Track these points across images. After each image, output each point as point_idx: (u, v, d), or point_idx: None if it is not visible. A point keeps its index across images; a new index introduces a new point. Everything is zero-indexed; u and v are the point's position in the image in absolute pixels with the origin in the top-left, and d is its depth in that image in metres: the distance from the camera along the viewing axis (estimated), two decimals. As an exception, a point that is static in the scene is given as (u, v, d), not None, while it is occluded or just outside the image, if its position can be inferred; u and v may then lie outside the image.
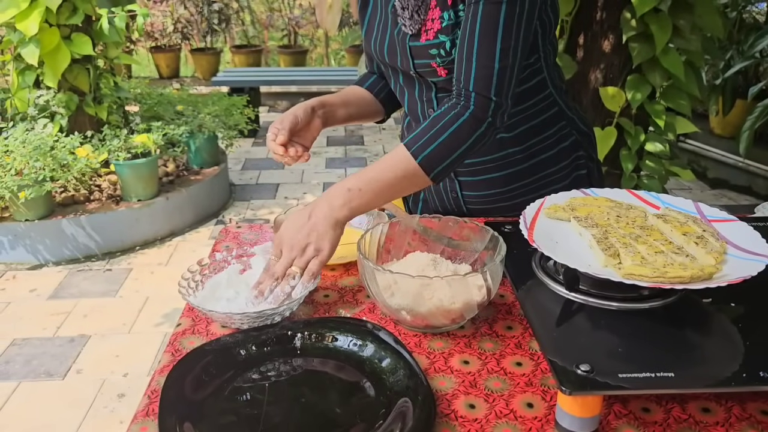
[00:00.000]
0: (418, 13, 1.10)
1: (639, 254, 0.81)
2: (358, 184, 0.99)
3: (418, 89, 1.21)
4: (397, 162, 1.01)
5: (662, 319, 0.82)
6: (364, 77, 1.38)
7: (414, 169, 1.00)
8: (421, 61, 1.13)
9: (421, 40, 1.11)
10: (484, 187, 1.25)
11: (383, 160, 1.03)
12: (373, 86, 1.35)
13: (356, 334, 0.87)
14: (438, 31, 1.08)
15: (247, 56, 7.36)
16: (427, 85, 1.18)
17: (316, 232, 0.97)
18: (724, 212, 0.93)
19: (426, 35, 1.10)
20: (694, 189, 4.27)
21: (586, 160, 1.29)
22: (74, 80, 3.41)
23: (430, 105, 1.20)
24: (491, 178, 1.23)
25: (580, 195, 1.01)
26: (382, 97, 1.35)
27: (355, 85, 1.37)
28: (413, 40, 1.13)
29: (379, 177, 1.00)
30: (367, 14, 1.24)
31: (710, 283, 0.75)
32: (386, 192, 1.01)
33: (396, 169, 1.01)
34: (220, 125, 3.89)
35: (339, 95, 1.30)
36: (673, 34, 2.34)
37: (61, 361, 2.43)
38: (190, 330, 0.93)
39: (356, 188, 0.99)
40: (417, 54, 1.13)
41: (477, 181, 1.25)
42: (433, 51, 1.10)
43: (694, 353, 0.77)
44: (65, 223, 3.18)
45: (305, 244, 0.96)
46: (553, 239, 0.89)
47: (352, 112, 1.30)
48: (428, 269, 0.93)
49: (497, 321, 0.93)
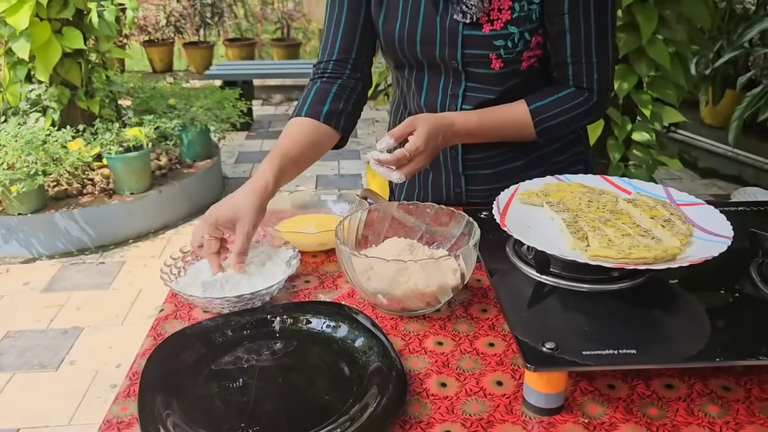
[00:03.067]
0: (482, 0, 1.07)
1: (606, 237, 0.84)
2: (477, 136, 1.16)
3: (444, 81, 1.18)
4: (518, 124, 1.15)
5: (630, 300, 0.85)
6: (315, 100, 1.16)
7: (528, 133, 1.16)
8: (475, 51, 1.11)
9: (483, 30, 1.09)
10: (489, 181, 1.25)
11: (505, 118, 1.15)
12: (331, 115, 1.15)
13: (333, 318, 0.90)
14: (507, 22, 1.07)
15: (241, 49, 7.36)
16: (457, 79, 1.16)
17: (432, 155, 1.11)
18: (692, 197, 0.95)
19: (491, 25, 1.08)
20: (684, 178, 4.30)
21: (584, 155, 1.31)
22: (66, 74, 3.42)
23: (454, 101, 1.18)
24: (498, 171, 1.24)
25: (554, 181, 1.04)
26: (343, 126, 1.18)
27: (307, 116, 1.14)
28: (470, 29, 1.09)
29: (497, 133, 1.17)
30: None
31: (672, 263, 0.78)
32: (494, 138, 1.18)
33: (515, 132, 1.17)
34: (213, 118, 3.90)
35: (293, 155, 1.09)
36: (659, 25, 2.35)
37: (54, 352, 2.46)
38: (172, 315, 0.95)
39: (475, 136, 1.16)
40: (472, 44, 1.10)
41: (484, 175, 1.25)
42: (498, 42, 1.09)
43: (658, 331, 0.79)
44: (58, 217, 3.20)
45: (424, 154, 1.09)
46: (525, 224, 0.92)
47: (303, 168, 1.13)
48: (404, 254, 0.95)
49: (473, 304, 0.96)
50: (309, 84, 1.21)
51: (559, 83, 1.16)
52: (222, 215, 0.98)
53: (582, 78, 1.13)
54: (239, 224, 0.97)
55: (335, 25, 1.20)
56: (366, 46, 1.22)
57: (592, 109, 1.15)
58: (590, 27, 1.08)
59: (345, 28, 1.19)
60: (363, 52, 1.21)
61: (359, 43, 1.20)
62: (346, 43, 1.20)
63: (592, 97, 1.14)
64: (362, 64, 1.22)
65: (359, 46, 1.20)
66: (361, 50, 1.21)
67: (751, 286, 0.88)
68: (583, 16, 1.07)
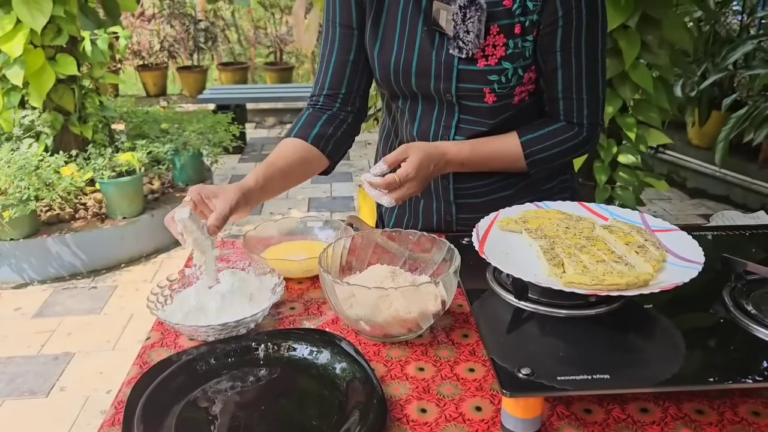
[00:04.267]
0: (478, 37, 1.09)
1: (581, 263, 0.86)
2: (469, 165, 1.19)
3: (438, 113, 1.20)
4: (509, 155, 1.19)
5: (606, 324, 0.87)
6: (306, 123, 1.22)
7: (519, 165, 1.20)
8: (469, 85, 1.13)
9: (478, 64, 1.11)
10: (479, 210, 1.24)
11: (497, 149, 1.18)
12: (319, 138, 1.20)
13: (316, 345, 0.91)
14: (501, 58, 1.11)
15: (234, 73, 7.42)
16: (450, 111, 1.19)
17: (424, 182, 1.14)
18: (666, 223, 0.98)
19: (486, 60, 1.11)
20: (673, 199, 4.34)
21: (570, 182, 1.34)
22: (59, 100, 3.45)
23: (447, 132, 1.20)
24: (488, 200, 1.26)
25: (533, 208, 1.06)
26: (330, 151, 1.22)
27: (297, 137, 1.20)
28: (466, 64, 1.12)
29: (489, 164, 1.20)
30: (380, 29, 1.18)
31: (645, 289, 0.80)
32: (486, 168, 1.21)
33: (505, 162, 1.20)
34: (205, 143, 3.93)
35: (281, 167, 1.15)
36: (641, 49, 2.41)
37: (45, 378, 2.45)
38: (158, 343, 0.96)
39: (468, 166, 1.19)
40: (467, 78, 1.13)
41: (475, 203, 1.27)
42: (492, 77, 1.11)
43: (633, 355, 0.81)
44: (50, 242, 3.21)
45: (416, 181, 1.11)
46: (503, 250, 0.94)
47: (290, 183, 1.19)
48: (387, 281, 0.97)
49: (454, 329, 0.98)
50: (302, 112, 1.26)
51: (551, 117, 1.20)
52: (205, 187, 1.06)
53: (572, 113, 1.17)
54: (222, 194, 1.03)
55: (326, 61, 1.24)
56: (357, 80, 1.25)
57: (581, 144, 1.19)
58: (581, 65, 1.12)
59: (336, 64, 1.23)
60: (354, 86, 1.25)
61: (350, 78, 1.24)
62: (336, 78, 1.23)
63: (582, 131, 1.18)
64: (354, 98, 1.26)
65: (349, 81, 1.24)
66: (352, 85, 1.24)
67: (723, 310, 0.90)
68: (574, 54, 1.11)
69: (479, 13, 1.08)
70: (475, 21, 1.08)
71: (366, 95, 1.29)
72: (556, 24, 1.10)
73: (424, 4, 1.14)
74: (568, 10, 1.08)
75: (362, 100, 1.28)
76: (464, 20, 1.09)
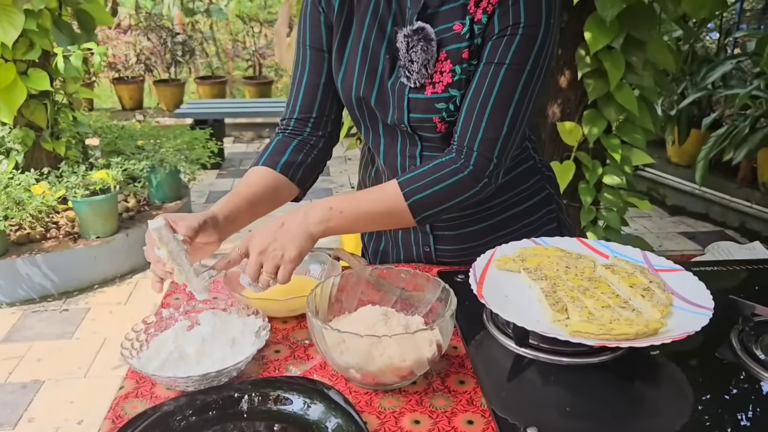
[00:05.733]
0: (426, 66, 1.04)
1: (586, 309, 0.82)
2: (340, 206, 1.01)
3: (401, 144, 1.15)
4: (386, 197, 1.03)
5: (612, 373, 0.83)
6: (274, 151, 1.16)
7: (401, 209, 1.02)
8: (419, 115, 1.08)
9: (426, 92, 1.06)
10: (458, 242, 1.22)
11: (371, 191, 1.05)
12: (288, 166, 1.15)
13: (305, 395, 0.85)
14: (448, 85, 1.04)
15: (212, 87, 7.34)
16: (412, 141, 1.13)
17: (286, 236, 0.98)
18: (670, 262, 0.94)
19: (433, 88, 1.05)
20: (653, 216, 4.35)
21: (557, 212, 1.29)
22: (31, 116, 3.34)
23: (413, 161, 1.15)
24: (467, 232, 1.21)
25: (530, 245, 1.02)
26: (299, 179, 1.17)
27: (265, 165, 1.14)
28: (415, 92, 1.07)
29: (364, 206, 1.03)
30: (345, 55, 1.13)
31: (655, 339, 0.76)
32: (366, 222, 1.05)
33: (383, 204, 1.03)
34: (182, 159, 3.85)
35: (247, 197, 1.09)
36: (626, 70, 2.39)
37: (12, 409, 2.34)
38: (133, 393, 0.90)
39: (338, 210, 1.01)
40: (417, 107, 1.07)
41: (453, 235, 1.22)
42: (440, 105, 1.05)
43: (641, 407, 0.77)
44: (20, 263, 3.09)
45: (272, 247, 0.97)
46: (502, 292, 0.89)
47: (259, 212, 1.12)
48: (379, 324, 0.92)
49: (450, 375, 0.92)
50: (272, 137, 1.21)
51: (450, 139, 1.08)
52: (170, 214, 1.00)
53: (465, 135, 1.02)
54: (187, 216, 1.00)
55: (297, 84, 1.19)
56: (329, 104, 1.20)
57: (466, 181, 1.02)
58: (495, 83, 1.00)
59: (306, 87, 1.18)
60: (325, 111, 1.20)
61: (321, 102, 1.19)
62: (306, 102, 1.19)
63: (468, 164, 1.01)
64: (325, 122, 1.21)
65: (320, 105, 1.19)
66: (323, 109, 1.19)
67: (731, 354, 0.86)
68: (493, 69, 1.01)
69: (423, 43, 1.03)
70: (419, 50, 1.03)
71: (338, 119, 1.24)
72: (492, 34, 1.01)
73: (389, 30, 1.09)
74: (504, 26, 1.00)
75: (334, 123, 1.23)
76: (407, 50, 1.05)
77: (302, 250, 0.98)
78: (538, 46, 1.00)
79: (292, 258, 0.97)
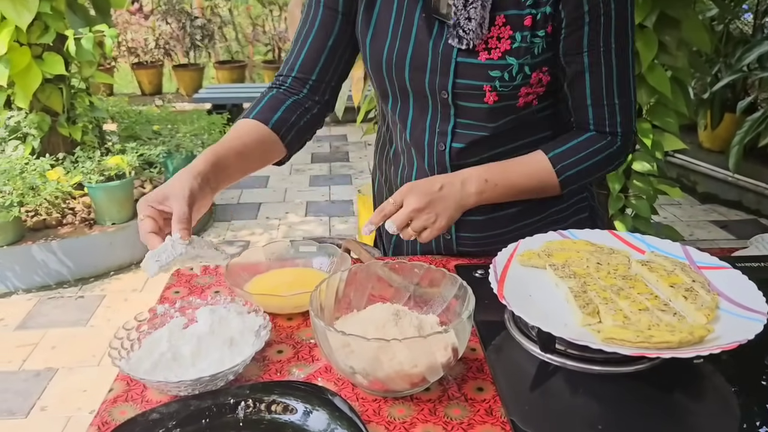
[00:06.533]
0: (481, 25, 0.97)
1: (621, 312, 0.72)
2: (494, 179, 1.03)
3: (431, 117, 1.07)
4: (538, 172, 1.04)
5: (649, 384, 0.73)
6: (267, 106, 1.09)
7: (552, 184, 1.04)
8: (467, 81, 1.00)
9: (479, 57, 0.99)
10: (482, 228, 1.14)
11: (521, 164, 1.05)
12: (281, 124, 1.08)
13: (307, 401, 0.78)
14: (506, 52, 0.98)
15: (231, 72, 7.28)
16: (445, 114, 1.06)
17: (442, 203, 1.00)
18: (714, 258, 0.84)
19: (488, 54, 0.98)
20: (683, 204, 4.20)
21: (589, 201, 1.21)
22: (47, 100, 3.31)
23: (442, 138, 1.07)
24: (492, 218, 1.12)
25: (557, 238, 0.92)
26: (290, 140, 1.10)
27: (256, 119, 1.07)
28: (465, 56, 0.99)
29: (516, 180, 1.04)
30: (375, 13, 1.06)
31: (701, 349, 0.66)
32: (514, 195, 1.06)
33: (535, 179, 1.04)
34: (198, 145, 3.79)
35: (236, 147, 1.02)
36: (659, 51, 2.27)
37: (24, 397, 2.32)
38: (123, 396, 0.83)
39: (493, 182, 1.03)
40: (466, 72, 1.00)
41: (477, 221, 1.13)
42: (494, 72, 0.99)
43: (685, 424, 0.68)
44: (36, 249, 3.07)
45: (427, 210, 0.99)
46: (526, 291, 0.80)
47: (248, 167, 1.05)
48: (389, 325, 0.83)
49: (467, 381, 0.84)
50: (264, 92, 1.14)
51: (579, 128, 1.07)
52: (152, 195, 0.92)
53: (604, 122, 1.04)
54: (173, 195, 0.90)
55: (302, 42, 1.12)
56: (332, 70, 1.13)
57: (616, 154, 1.06)
58: (611, 66, 0.99)
59: (311, 47, 1.11)
60: (326, 76, 1.13)
61: (323, 65, 1.12)
62: (308, 62, 1.12)
63: (615, 141, 1.05)
64: (323, 89, 1.14)
65: (322, 69, 1.12)
66: (325, 73, 1.12)
67: (785, 364, 0.76)
68: (603, 54, 0.98)
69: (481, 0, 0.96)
70: (478, 7, 0.96)
71: (337, 87, 1.17)
72: (581, 20, 0.96)
73: None
74: (594, 3, 0.95)
75: (332, 91, 1.16)
76: (466, 6, 0.97)
77: (452, 221, 1.02)
78: (630, 13, 0.98)
79: (441, 227, 1.00)
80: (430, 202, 0.99)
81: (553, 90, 1.06)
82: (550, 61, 1.01)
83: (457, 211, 1.02)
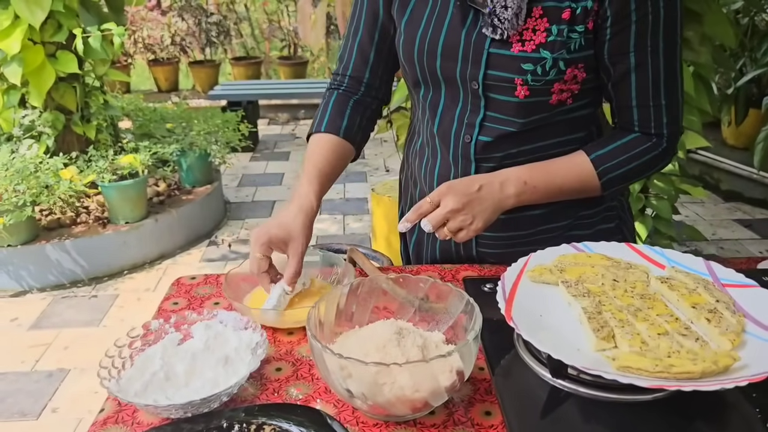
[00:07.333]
0: (517, 15, 0.94)
1: (638, 337, 0.67)
2: (534, 181, 1.00)
3: (461, 109, 1.05)
4: (580, 175, 1.01)
5: (668, 413, 0.68)
6: (334, 113, 1.13)
7: (593, 186, 1.02)
8: (499, 73, 0.98)
9: (512, 49, 0.96)
10: (504, 228, 1.09)
11: (563, 166, 1.02)
12: (349, 130, 1.13)
13: (304, 426, 0.74)
14: (540, 45, 0.95)
15: (247, 68, 7.26)
16: (475, 106, 1.03)
17: (479, 205, 0.97)
18: (740, 275, 0.78)
19: (522, 45, 0.95)
20: (707, 203, 4.10)
21: (618, 210, 1.15)
22: (61, 99, 3.30)
23: (470, 131, 1.04)
24: (516, 218, 1.08)
25: (571, 251, 0.87)
26: (359, 141, 1.15)
27: (328, 131, 1.12)
28: (498, 47, 0.97)
29: (557, 182, 1.01)
30: (411, 2, 1.05)
31: (725, 380, 0.61)
32: (554, 197, 1.03)
33: (576, 181, 1.02)
34: (212, 143, 3.77)
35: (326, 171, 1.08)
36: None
37: (36, 398, 2.31)
38: (113, 418, 0.79)
39: (532, 184, 1.00)
40: (498, 64, 0.97)
41: (499, 220, 1.07)
42: (527, 66, 0.95)
43: (708, 465, 0.62)
44: (49, 248, 3.07)
45: (464, 212, 0.96)
46: (536, 311, 0.75)
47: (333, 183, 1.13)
48: (391, 344, 0.79)
49: (474, 404, 0.79)
50: (326, 94, 1.18)
51: (622, 128, 1.03)
52: (274, 235, 0.97)
53: (649, 123, 1.00)
54: (292, 244, 0.97)
55: (351, 39, 1.16)
56: (381, 67, 1.16)
57: (661, 156, 1.02)
58: (659, 66, 0.96)
59: (360, 45, 1.14)
60: (378, 72, 1.16)
61: (373, 64, 1.15)
62: (359, 61, 1.15)
63: (661, 142, 1.01)
64: (378, 85, 1.18)
65: (373, 66, 1.15)
66: (375, 70, 1.16)
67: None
68: (651, 54, 0.95)
69: None
70: None
71: (390, 81, 1.20)
72: (629, 19, 0.93)
73: None
74: (641, 1, 0.91)
75: (386, 86, 1.20)
76: None
77: (489, 223, 0.99)
78: (680, 11, 0.95)
79: (478, 228, 0.97)
80: (468, 203, 0.96)
81: (589, 89, 1.02)
82: (587, 59, 0.97)
83: (495, 213, 0.99)
